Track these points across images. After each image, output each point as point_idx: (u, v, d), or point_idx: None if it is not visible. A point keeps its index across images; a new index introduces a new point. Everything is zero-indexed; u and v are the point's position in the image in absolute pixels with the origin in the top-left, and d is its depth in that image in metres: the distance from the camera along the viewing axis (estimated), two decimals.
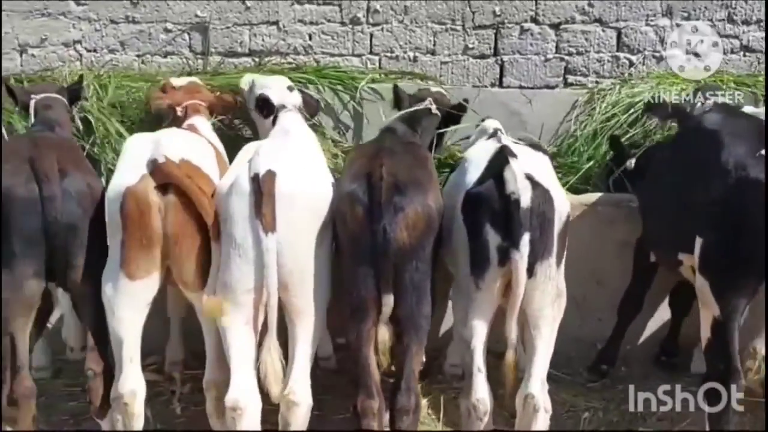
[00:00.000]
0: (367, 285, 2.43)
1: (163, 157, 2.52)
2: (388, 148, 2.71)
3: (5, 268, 2.59)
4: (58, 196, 2.58)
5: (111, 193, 2.62)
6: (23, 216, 2.56)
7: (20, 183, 2.58)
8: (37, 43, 4.50)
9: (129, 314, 2.58)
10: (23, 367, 2.61)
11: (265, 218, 2.36)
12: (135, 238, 2.53)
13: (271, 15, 4.47)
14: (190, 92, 3.72)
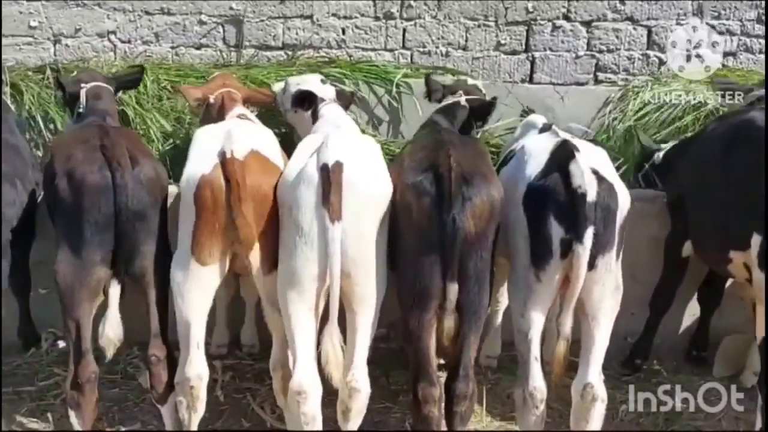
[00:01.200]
0: (432, 275, 2.48)
1: (230, 152, 2.57)
2: (449, 140, 2.76)
3: (74, 253, 2.63)
4: (130, 184, 2.63)
5: (185, 181, 2.68)
6: (95, 203, 2.61)
7: (94, 170, 2.63)
8: (72, 33, 4.53)
9: (198, 299, 2.64)
10: (88, 351, 2.66)
11: (332, 207, 2.41)
12: (207, 225, 2.58)
13: (305, 9, 4.51)
14: (223, 82, 3.78)
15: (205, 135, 2.88)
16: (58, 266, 2.65)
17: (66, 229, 2.67)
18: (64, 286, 2.65)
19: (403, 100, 4.33)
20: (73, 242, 2.64)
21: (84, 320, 2.65)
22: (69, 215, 2.65)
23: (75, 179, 2.63)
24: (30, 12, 4.48)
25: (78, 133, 2.93)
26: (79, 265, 2.63)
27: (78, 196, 2.62)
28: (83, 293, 2.64)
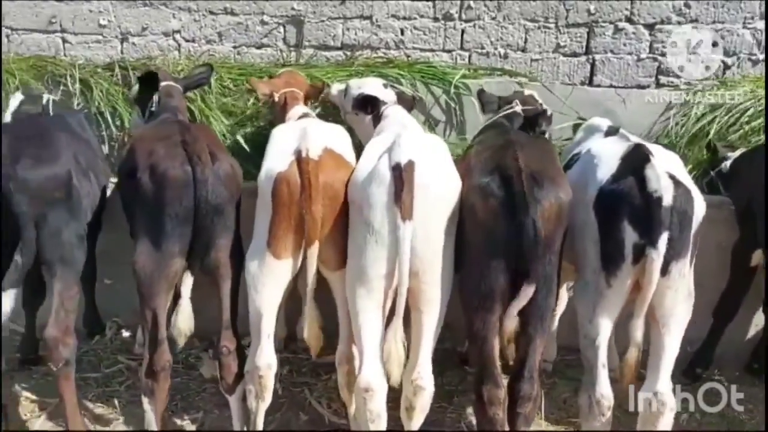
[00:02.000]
0: (498, 277, 2.49)
1: (306, 150, 2.63)
2: (516, 140, 2.75)
3: (154, 245, 2.72)
4: (210, 179, 2.70)
5: (263, 177, 2.75)
6: (177, 197, 2.69)
7: (176, 165, 2.71)
8: (139, 31, 4.66)
9: (271, 291, 2.71)
10: (163, 340, 2.74)
11: (404, 206, 2.44)
12: (284, 221, 2.65)
13: (365, 9, 4.55)
14: (288, 80, 3.85)
15: (282, 133, 2.95)
16: (138, 257, 2.74)
17: (146, 222, 2.76)
18: (143, 277, 2.73)
19: (461, 101, 4.33)
20: (154, 235, 2.72)
21: (160, 310, 2.73)
22: (150, 208, 2.74)
23: (157, 173, 2.71)
24: (100, 11, 4.62)
25: (157, 129, 3.02)
26: (159, 257, 2.72)
27: (160, 190, 2.71)
28: (161, 284, 2.73)
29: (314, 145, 2.67)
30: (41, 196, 2.74)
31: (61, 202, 2.81)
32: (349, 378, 2.76)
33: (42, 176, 2.75)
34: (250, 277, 2.73)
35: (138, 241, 2.78)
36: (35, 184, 2.72)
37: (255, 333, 2.74)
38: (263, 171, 2.79)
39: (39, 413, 3.34)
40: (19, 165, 2.70)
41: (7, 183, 2.65)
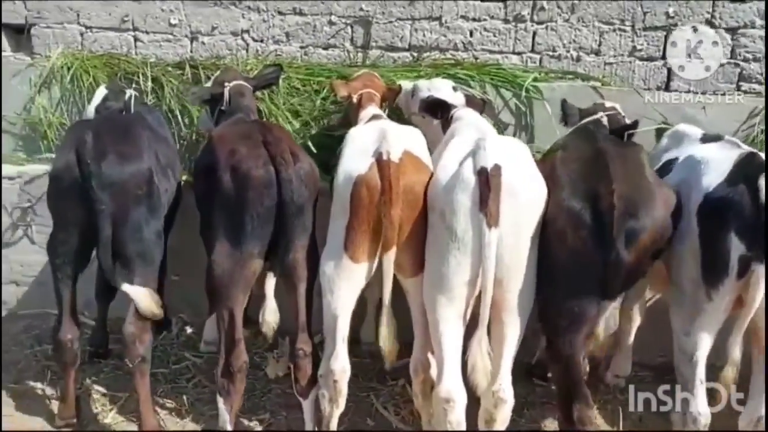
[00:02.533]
0: (590, 300, 2.42)
1: (386, 153, 2.58)
2: (606, 150, 2.65)
3: (233, 245, 2.71)
4: (294, 179, 2.68)
5: (341, 179, 2.72)
6: (259, 197, 2.68)
7: (259, 165, 2.70)
8: (208, 31, 4.70)
9: (347, 295, 2.68)
10: (240, 341, 2.73)
11: (490, 212, 2.37)
12: (363, 223, 2.61)
13: (434, 10, 4.49)
14: (365, 82, 3.81)
15: (359, 134, 2.91)
16: (216, 257, 2.74)
17: (226, 222, 2.75)
18: (221, 277, 2.73)
19: (532, 105, 4.23)
20: (233, 234, 2.72)
21: (237, 310, 2.72)
22: (231, 208, 2.73)
23: (239, 173, 2.70)
24: (171, 10, 4.68)
25: (237, 129, 3.02)
26: (238, 257, 2.71)
27: (242, 189, 2.70)
28: (239, 285, 2.72)
29: (394, 147, 2.63)
30: (124, 193, 2.77)
31: (142, 200, 2.83)
32: (425, 387, 2.70)
33: (126, 173, 2.78)
34: (325, 279, 2.70)
35: (216, 241, 2.77)
36: (119, 180, 2.75)
37: (330, 336, 2.71)
38: (341, 173, 2.75)
39: (110, 407, 3.39)
40: (105, 162, 2.73)
41: (91, 180, 2.68)
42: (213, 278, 2.75)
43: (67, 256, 2.87)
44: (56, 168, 2.84)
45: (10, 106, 4.65)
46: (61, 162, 2.81)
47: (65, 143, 2.90)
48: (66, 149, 2.83)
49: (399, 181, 2.56)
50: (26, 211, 4.13)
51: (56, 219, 2.92)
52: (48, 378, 3.53)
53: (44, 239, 4.14)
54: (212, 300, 2.79)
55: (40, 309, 4.27)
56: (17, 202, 4.14)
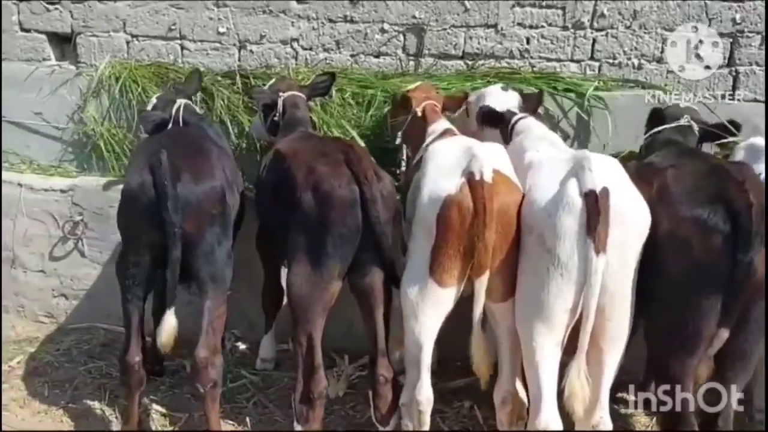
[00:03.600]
0: (709, 319, 2.28)
1: (479, 173, 2.47)
2: (721, 164, 2.52)
3: (313, 266, 2.61)
4: (378, 199, 2.57)
5: (426, 198, 2.60)
6: (342, 217, 2.58)
7: (342, 185, 2.60)
8: (257, 39, 4.61)
9: (433, 321, 2.58)
10: (320, 366, 2.63)
11: (599, 237, 2.25)
12: (451, 247, 2.50)
13: (490, 17, 4.38)
14: (426, 93, 3.71)
15: (442, 151, 2.79)
16: (294, 278, 2.64)
17: (306, 242, 2.65)
18: (300, 299, 2.63)
19: (593, 114, 4.10)
20: (313, 255, 2.62)
21: (316, 334, 2.62)
22: (311, 228, 2.63)
23: (321, 193, 2.60)
24: (219, 18, 4.60)
25: (310, 145, 2.92)
26: (318, 279, 2.61)
27: (324, 209, 2.60)
28: (319, 307, 2.62)
29: (486, 166, 2.51)
30: (199, 214, 2.68)
31: (216, 219, 2.75)
32: (513, 417, 2.58)
33: (201, 193, 2.69)
34: (409, 304, 2.59)
35: (294, 261, 2.67)
36: (194, 201, 2.66)
37: (413, 364, 2.60)
38: (424, 192, 2.63)
39: (171, 427, 3.30)
40: (180, 182, 2.64)
41: (166, 201, 2.58)
42: (291, 301, 2.65)
43: (138, 278, 2.78)
44: (130, 187, 2.75)
45: (57, 116, 4.62)
46: (136, 181, 2.72)
47: (138, 161, 2.81)
48: (139, 168, 2.74)
49: (493, 203, 2.45)
50: (77, 224, 4.06)
51: (128, 239, 2.83)
52: (106, 397, 3.45)
53: (95, 253, 4.14)
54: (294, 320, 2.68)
55: (89, 323, 4.22)
56: (68, 215, 4.07)
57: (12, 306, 4.28)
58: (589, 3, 4.26)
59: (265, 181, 3.02)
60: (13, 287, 4.23)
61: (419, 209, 2.64)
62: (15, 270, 4.22)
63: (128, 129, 4.49)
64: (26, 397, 3.46)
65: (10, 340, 4.05)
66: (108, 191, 4.04)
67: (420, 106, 3.54)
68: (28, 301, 4.27)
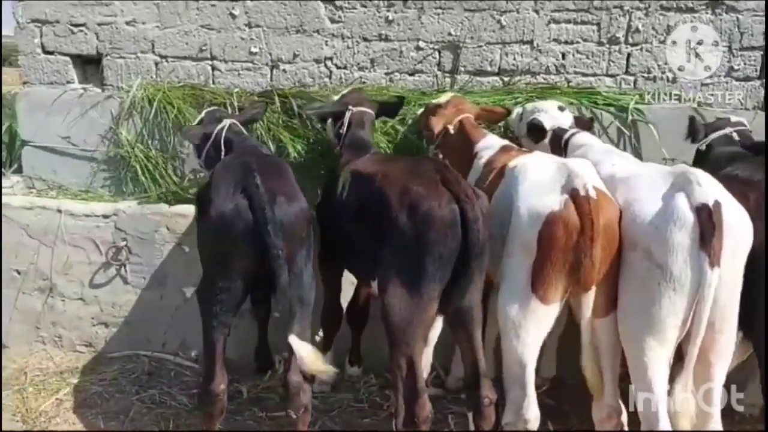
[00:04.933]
0: None
1: (584, 189, 2.47)
2: None
3: (412, 288, 2.56)
4: (480, 217, 2.55)
5: (525, 215, 2.59)
6: (443, 237, 2.54)
7: (443, 205, 2.56)
8: (290, 58, 4.59)
9: (535, 338, 2.56)
10: (423, 390, 2.58)
11: (714, 251, 2.27)
12: (555, 263, 2.50)
13: (525, 34, 4.43)
14: (458, 107, 3.71)
15: (532, 167, 2.77)
16: (392, 300, 2.58)
17: (403, 264, 2.60)
18: (400, 322, 2.57)
19: (635, 128, 4.16)
20: (412, 277, 2.57)
21: (418, 358, 2.57)
22: (409, 249, 2.58)
23: (419, 213, 2.56)
24: (251, 38, 4.57)
25: (398, 165, 2.87)
26: (417, 301, 2.56)
27: (423, 230, 2.55)
28: (419, 330, 2.58)
29: (588, 182, 2.51)
30: (292, 236, 2.63)
31: (304, 242, 2.70)
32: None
33: (293, 215, 2.65)
34: (509, 323, 2.58)
35: (390, 284, 2.61)
36: (288, 223, 2.61)
37: (516, 383, 2.58)
38: (522, 209, 2.62)
39: None
40: (276, 205, 2.59)
41: (267, 224, 2.53)
42: (390, 324, 2.59)
43: (228, 304, 2.71)
44: (222, 213, 2.65)
45: (86, 139, 4.52)
46: (228, 207, 2.63)
47: (224, 185, 2.71)
48: (230, 192, 2.66)
49: (599, 218, 2.45)
50: (120, 250, 3.96)
51: (218, 265, 2.73)
52: (168, 426, 3.35)
53: (138, 279, 4.05)
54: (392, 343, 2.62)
55: (130, 351, 4.11)
56: (111, 241, 3.97)
57: (49, 336, 4.14)
58: (623, 19, 4.34)
59: (346, 203, 2.97)
60: (49, 317, 4.10)
61: (516, 226, 2.62)
62: (52, 299, 4.09)
63: (164, 151, 4.42)
64: (82, 430, 3.34)
65: (50, 371, 3.93)
66: (152, 216, 3.96)
67: (454, 122, 3.55)
68: (65, 330, 4.14)
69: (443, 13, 4.45)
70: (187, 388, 3.71)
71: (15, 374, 3.86)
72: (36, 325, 4.14)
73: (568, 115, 3.73)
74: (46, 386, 3.74)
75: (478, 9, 4.42)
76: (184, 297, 4.02)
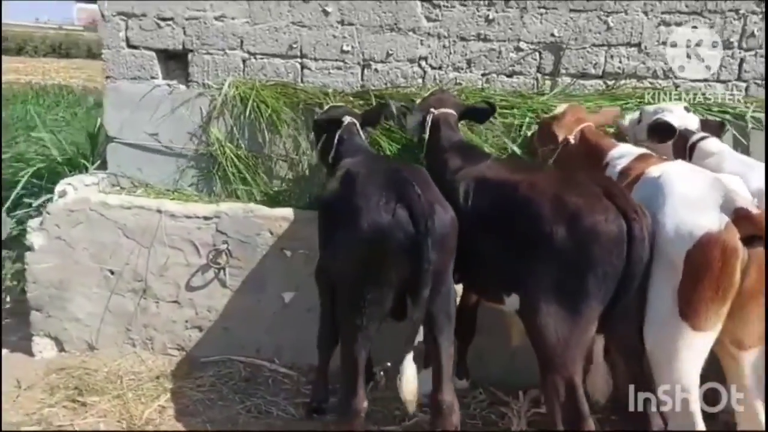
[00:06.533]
0: None
1: (751, 206, 2.31)
2: None
3: (571, 307, 2.42)
4: (647, 237, 2.40)
5: (673, 232, 2.43)
6: (608, 254, 2.40)
7: (609, 219, 2.42)
8: (382, 58, 4.45)
9: (694, 367, 2.41)
10: (588, 416, 2.44)
11: None
12: (710, 289, 2.34)
13: (633, 36, 4.26)
14: (577, 116, 3.57)
15: (680, 180, 2.61)
16: (547, 320, 2.45)
17: (559, 281, 2.46)
18: (557, 343, 2.44)
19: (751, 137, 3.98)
20: (571, 295, 2.43)
21: (578, 379, 2.43)
22: (567, 265, 2.45)
23: (581, 227, 2.42)
24: (344, 36, 4.44)
25: (549, 174, 2.72)
26: (578, 320, 2.43)
27: (586, 245, 2.41)
28: (579, 351, 2.44)
29: (749, 201, 2.35)
30: (446, 248, 2.50)
31: (453, 253, 2.56)
32: None
33: (448, 227, 2.51)
34: (659, 350, 2.44)
35: (541, 302, 2.48)
36: (443, 235, 2.48)
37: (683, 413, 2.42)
38: (669, 225, 2.46)
39: None
40: (436, 216, 2.46)
41: (428, 237, 2.40)
42: (544, 345, 2.46)
43: (375, 317, 2.59)
44: (378, 223, 2.52)
45: (177, 137, 4.42)
46: (385, 217, 2.50)
47: (376, 193, 2.58)
48: (383, 201, 2.52)
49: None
50: (221, 252, 3.86)
51: (367, 276, 2.60)
52: None
53: (236, 282, 3.94)
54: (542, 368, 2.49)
55: (222, 356, 4.01)
56: (212, 243, 3.87)
57: (140, 339, 4.05)
58: (738, 23, 4.16)
59: (471, 212, 2.82)
60: (142, 319, 4.01)
61: (658, 242, 2.47)
62: (146, 300, 4.00)
63: (255, 151, 4.31)
64: None
65: (144, 376, 3.83)
66: (255, 219, 3.85)
67: (574, 132, 3.40)
68: (157, 333, 4.05)
69: (546, 12, 4.29)
70: (290, 396, 3.61)
71: (110, 378, 3.78)
72: (127, 327, 4.04)
73: (695, 117, 3.57)
74: (144, 391, 3.64)
75: (584, 9, 4.25)
76: (282, 302, 3.92)
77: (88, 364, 3.94)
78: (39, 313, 4.03)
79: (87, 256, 3.94)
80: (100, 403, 3.48)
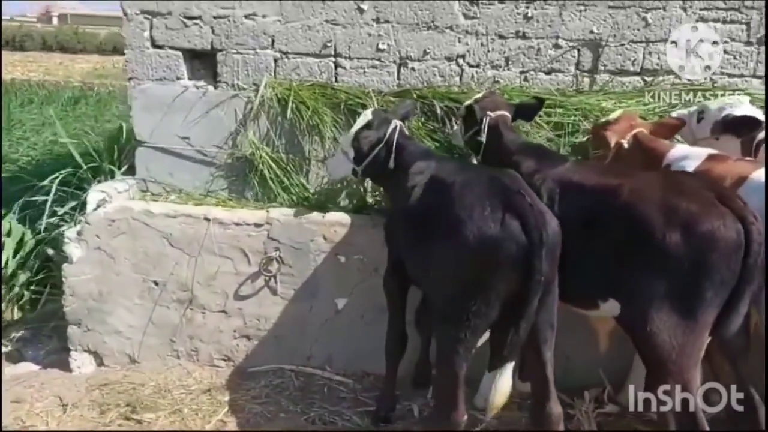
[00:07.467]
0: None
1: None
2: None
3: (686, 314, 2.40)
4: (763, 244, 2.39)
5: None
6: (726, 260, 2.39)
7: (727, 225, 2.40)
8: (419, 56, 4.38)
9: None
10: (702, 421, 2.43)
11: None
12: None
13: (671, 32, 4.27)
14: (630, 122, 3.57)
15: None
16: (661, 326, 2.43)
17: (672, 287, 2.44)
18: (671, 350, 2.43)
19: None
20: (685, 302, 2.41)
21: (694, 389, 2.41)
22: (681, 272, 2.43)
23: (697, 233, 2.40)
24: (379, 35, 4.35)
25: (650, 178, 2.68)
26: (693, 327, 2.41)
27: (702, 251, 2.39)
28: (694, 358, 2.42)
29: None
30: (554, 258, 2.46)
31: (558, 263, 2.52)
32: None
33: (557, 237, 2.46)
34: None
35: (652, 309, 2.46)
36: (553, 245, 2.43)
37: None
38: None
39: None
40: (548, 226, 2.41)
41: (542, 249, 2.35)
42: (657, 352, 2.44)
43: (479, 330, 2.54)
44: (487, 234, 2.45)
45: (210, 140, 4.29)
46: (495, 227, 2.44)
47: (478, 203, 2.51)
48: (489, 211, 2.46)
49: None
50: (272, 260, 3.75)
51: (473, 289, 2.53)
52: None
53: (288, 290, 3.85)
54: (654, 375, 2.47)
55: (271, 365, 3.92)
56: (263, 251, 3.76)
57: (184, 350, 3.93)
58: None
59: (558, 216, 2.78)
60: (187, 330, 3.89)
61: None
62: (191, 311, 3.87)
63: (294, 154, 4.21)
64: None
65: (194, 389, 3.72)
66: (308, 225, 3.75)
67: (627, 137, 3.41)
68: (203, 344, 3.93)
69: (586, 9, 4.27)
70: (351, 405, 3.54)
71: (159, 392, 3.66)
72: (171, 338, 3.92)
73: (760, 112, 3.58)
74: (199, 405, 3.53)
75: (623, 6, 4.25)
76: (335, 309, 3.84)
77: (131, 378, 3.80)
78: (77, 327, 3.87)
79: (129, 266, 3.79)
80: (158, 420, 3.37)
